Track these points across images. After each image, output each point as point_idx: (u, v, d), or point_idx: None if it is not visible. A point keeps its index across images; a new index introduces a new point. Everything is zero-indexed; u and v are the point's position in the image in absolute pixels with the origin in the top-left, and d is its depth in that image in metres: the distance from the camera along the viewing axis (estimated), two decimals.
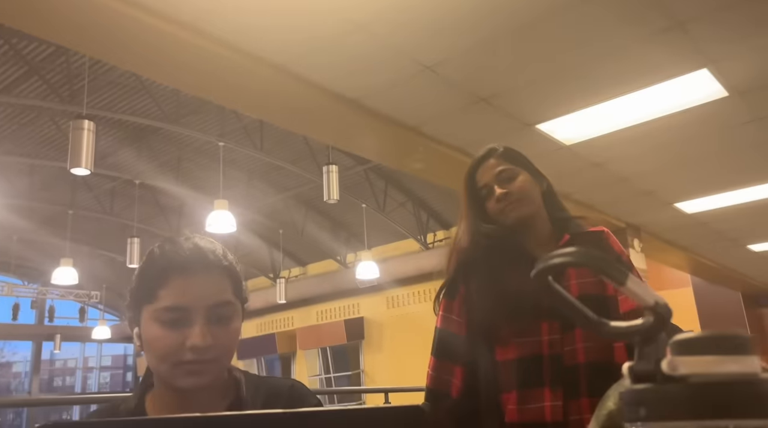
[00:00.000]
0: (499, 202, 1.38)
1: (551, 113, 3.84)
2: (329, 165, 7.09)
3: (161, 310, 0.91)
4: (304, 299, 12.42)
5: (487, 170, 1.42)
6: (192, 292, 0.92)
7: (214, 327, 0.92)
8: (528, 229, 1.41)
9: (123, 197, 10.25)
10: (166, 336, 0.91)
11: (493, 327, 1.33)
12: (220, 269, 0.95)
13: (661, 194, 5.49)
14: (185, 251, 0.94)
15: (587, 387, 1.23)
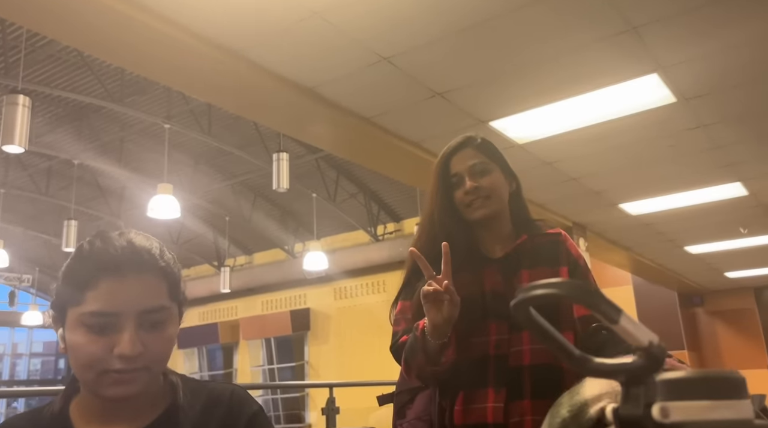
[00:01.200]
0: (467, 195, 1.36)
1: (504, 111, 3.84)
2: (280, 153, 6.94)
3: (88, 314, 0.83)
4: (249, 289, 12.21)
5: (462, 160, 1.39)
6: (122, 296, 0.84)
7: (146, 333, 0.85)
8: (489, 227, 1.40)
9: (60, 178, 9.79)
10: (92, 342, 0.83)
11: None
12: (155, 270, 0.87)
13: (607, 195, 5.62)
14: (117, 249, 0.86)
15: (530, 389, 1.23)
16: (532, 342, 1.25)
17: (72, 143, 8.49)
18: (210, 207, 10.52)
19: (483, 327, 1.28)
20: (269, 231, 11.00)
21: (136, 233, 0.91)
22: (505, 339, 1.27)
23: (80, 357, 0.84)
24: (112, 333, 0.83)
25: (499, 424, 1.21)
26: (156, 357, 0.87)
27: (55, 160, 9.23)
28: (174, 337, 0.90)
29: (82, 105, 7.99)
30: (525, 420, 1.20)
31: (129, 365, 0.83)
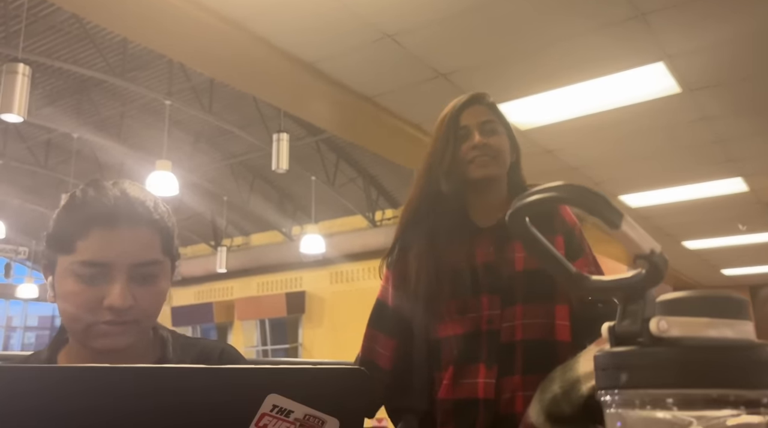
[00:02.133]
0: (474, 149, 1.29)
1: (508, 95, 3.82)
2: (280, 133, 6.90)
3: (79, 264, 0.82)
4: (246, 270, 12.21)
5: (474, 114, 1.33)
6: (115, 247, 0.82)
7: (137, 286, 0.84)
8: (485, 190, 1.34)
9: (59, 151, 9.74)
10: (82, 292, 0.82)
11: (430, 301, 1.27)
12: (149, 222, 0.86)
13: (607, 186, 5.61)
14: (111, 199, 0.84)
15: (522, 365, 1.20)
16: (525, 316, 1.22)
17: (72, 116, 8.44)
18: (209, 186, 10.49)
19: (475, 301, 1.24)
20: (267, 213, 10.98)
21: (131, 184, 0.89)
22: (498, 314, 1.23)
23: (69, 307, 0.83)
24: (102, 284, 0.82)
25: (490, 400, 1.18)
26: (146, 311, 0.85)
27: (55, 133, 9.18)
28: (166, 291, 0.89)
29: (83, 78, 7.93)
30: (516, 395, 1.18)
31: (118, 317, 0.82)
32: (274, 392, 0.47)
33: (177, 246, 0.92)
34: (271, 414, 0.47)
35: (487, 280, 1.25)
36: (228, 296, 13.06)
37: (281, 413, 0.47)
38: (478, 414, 1.19)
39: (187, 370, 0.47)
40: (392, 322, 1.34)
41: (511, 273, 1.24)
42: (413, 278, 1.28)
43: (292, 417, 0.48)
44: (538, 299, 1.23)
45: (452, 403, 1.22)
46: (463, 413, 1.21)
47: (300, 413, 0.48)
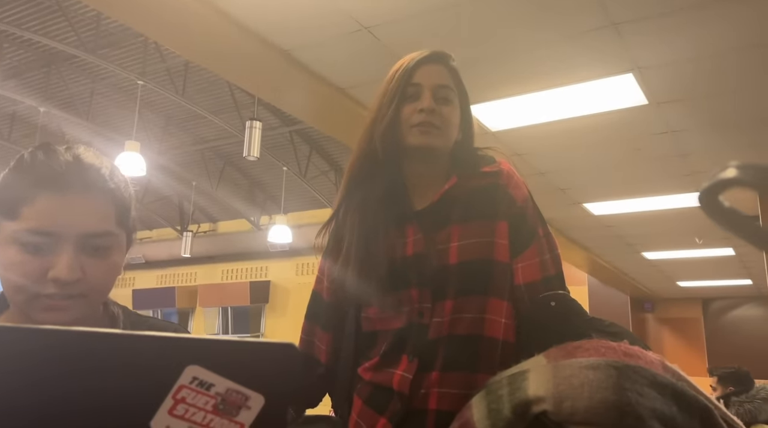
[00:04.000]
0: (420, 113, 1.16)
1: (479, 96, 3.84)
2: (253, 120, 6.82)
3: (23, 231, 0.76)
4: (211, 257, 12.07)
5: (430, 74, 1.19)
6: (63, 216, 0.77)
7: (87, 258, 0.79)
8: (423, 163, 1.22)
9: (24, 124, 9.48)
10: (25, 263, 0.77)
11: (359, 295, 1.19)
12: (102, 191, 0.80)
13: (572, 193, 5.69)
14: (62, 164, 0.78)
15: (442, 361, 1.12)
16: (454, 311, 1.14)
17: (39, 90, 8.21)
18: (177, 170, 10.32)
19: (405, 294, 1.16)
20: (236, 201, 10.86)
21: (86, 149, 0.83)
22: (428, 308, 1.14)
23: (11, 278, 0.78)
24: (48, 254, 0.77)
25: (404, 394, 1.12)
26: (95, 285, 0.80)
27: (21, 105, 8.92)
28: (119, 266, 0.84)
29: (53, 52, 7.72)
30: (431, 391, 1.11)
31: (64, 290, 0.77)
32: (195, 363, 0.46)
33: (133, 219, 0.87)
34: (191, 387, 0.46)
35: (416, 272, 1.16)
36: (191, 282, 12.91)
37: (201, 386, 0.46)
38: (390, 403, 1.14)
39: (102, 334, 0.46)
40: (327, 315, 1.29)
41: (443, 265, 1.15)
42: (343, 270, 1.21)
43: (213, 390, 0.47)
44: (470, 293, 1.14)
45: (370, 385, 1.18)
46: (377, 398, 1.16)
47: (222, 387, 0.47)
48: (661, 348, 11.93)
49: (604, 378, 0.86)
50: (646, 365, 0.89)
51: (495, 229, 1.17)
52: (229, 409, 0.48)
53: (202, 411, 0.47)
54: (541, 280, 1.17)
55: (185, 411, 0.46)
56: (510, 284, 1.18)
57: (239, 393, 0.48)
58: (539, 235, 1.20)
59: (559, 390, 0.88)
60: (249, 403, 0.48)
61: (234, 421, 0.48)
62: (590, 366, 0.88)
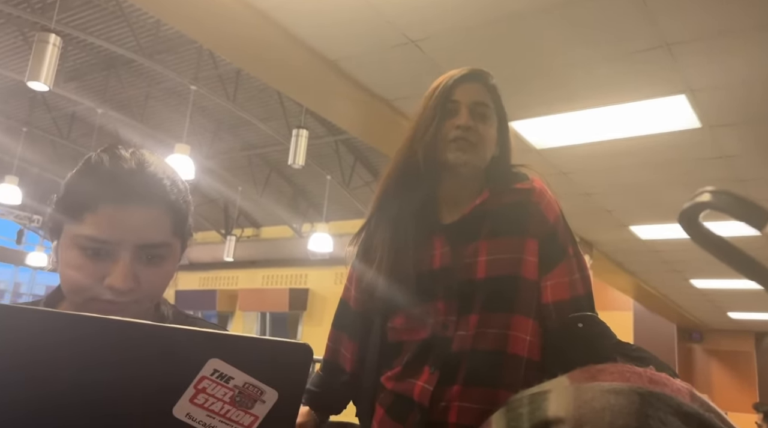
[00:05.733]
0: (457, 129, 1.19)
1: (526, 113, 3.81)
2: (299, 129, 6.95)
3: (83, 237, 0.78)
4: (252, 261, 12.27)
5: (469, 92, 1.22)
6: (122, 226, 0.78)
7: (142, 267, 0.80)
8: (457, 179, 1.23)
9: (83, 125, 9.87)
10: (84, 266, 0.79)
11: (386, 306, 1.21)
12: (162, 203, 0.81)
13: (618, 215, 5.57)
14: (125, 173, 0.79)
15: (464, 375, 1.13)
16: (479, 325, 1.14)
17: (98, 92, 8.56)
18: (224, 175, 10.56)
19: (431, 307, 1.17)
20: (280, 207, 11.03)
21: (150, 155, 0.84)
22: (453, 321, 1.15)
23: (69, 280, 0.80)
24: (105, 260, 0.79)
25: (423, 406, 1.13)
26: (148, 293, 0.82)
27: (80, 106, 9.30)
28: (171, 273, 0.86)
29: (113, 56, 8.04)
30: (452, 405, 1.12)
31: (118, 297, 0.79)
32: (216, 357, 0.48)
33: (190, 227, 0.88)
34: (211, 378, 0.48)
35: (443, 285, 1.17)
36: (232, 286, 13.13)
37: (221, 378, 0.48)
38: (410, 414, 1.15)
39: (133, 324, 0.48)
40: (354, 324, 1.30)
41: (470, 279, 1.16)
42: (372, 280, 1.23)
43: (231, 383, 0.49)
44: (497, 309, 1.15)
45: (392, 394, 1.19)
46: (398, 408, 1.17)
47: (240, 380, 0.49)
48: (708, 380, 11.48)
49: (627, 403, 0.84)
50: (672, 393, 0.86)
51: (524, 246, 1.18)
52: (245, 402, 0.49)
53: (220, 401, 0.49)
54: (569, 300, 1.17)
55: (205, 400, 0.48)
56: (537, 302, 1.18)
57: (255, 387, 0.49)
58: (569, 254, 1.20)
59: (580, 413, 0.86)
60: (264, 397, 0.49)
61: (249, 413, 0.49)
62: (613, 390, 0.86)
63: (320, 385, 1.31)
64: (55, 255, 0.84)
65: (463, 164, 1.20)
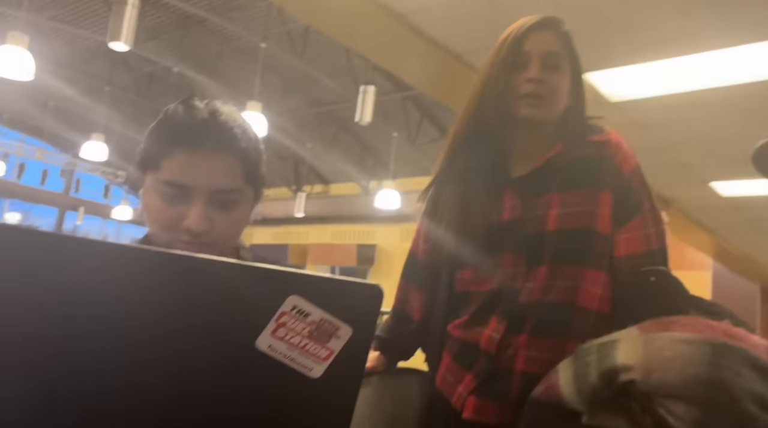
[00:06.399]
0: (528, 83, 1.16)
1: (603, 63, 3.65)
2: (366, 85, 6.93)
3: (162, 182, 0.84)
4: (322, 217, 12.55)
5: (540, 42, 1.17)
6: (197, 171, 0.83)
7: (216, 211, 0.85)
8: (529, 133, 1.22)
9: (160, 83, 10.24)
10: (164, 210, 0.85)
11: (454, 258, 1.23)
12: (233, 149, 0.85)
13: (699, 170, 5.30)
14: (198, 122, 0.84)
15: (532, 326, 1.14)
16: (549, 278, 1.14)
17: (173, 51, 8.82)
18: (294, 132, 10.74)
19: (500, 259, 1.18)
20: (347, 164, 11.15)
21: (223, 106, 0.88)
22: (522, 273, 1.16)
23: (152, 221, 0.87)
24: (182, 205, 0.84)
25: (490, 353, 1.15)
26: (222, 236, 0.86)
27: (157, 65, 9.63)
28: (245, 219, 0.90)
29: (187, 15, 8.23)
30: (519, 353, 1.14)
31: (195, 239, 0.84)
32: (295, 294, 0.51)
33: (262, 175, 0.92)
34: (291, 314, 0.52)
35: (512, 238, 1.17)
36: (303, 241, 13.51)
37: (300, 314, 0.52)
38: (476, 361, 1.18)
39: (217, 262, 0.51)
40: (422, 275, 1.33)
41: (540, 231, 1.16)
42: (440, 234, 1.24)
43: (309, 319, 0.52)
44: (567, 261, 1.15)
45: (459, 342, 1.22)
46: (465, 355, 1.20)
47: (317, 316, 0.52)
48: None
49: (698, 353, 0.83)
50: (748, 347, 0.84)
51: (598, 199, 1.16)
52: (321, 336, 0.53)
53: (299, 335, 0.52)
54: (643, 253, 1.17)
55: (285, 334, 0.52)
56: (609, 256, 1.17)
57: (331, 323, 0.53)
58: (645, 208, 1.19)
59: (649, 360, 0.86)
60: (339, 333, 0.53)
61: (325, 347, 0.53)
62: (684, 340, 0.86)
63: (389, 332, 1.36)
64: (142, 201, 0.90)
65: (534, 119, 1.18)
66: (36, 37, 7.35)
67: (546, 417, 1.06)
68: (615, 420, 0.93)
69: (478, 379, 1.16)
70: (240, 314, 0.51)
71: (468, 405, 1.16)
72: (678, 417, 0.83)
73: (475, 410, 1.15)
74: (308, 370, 0.53)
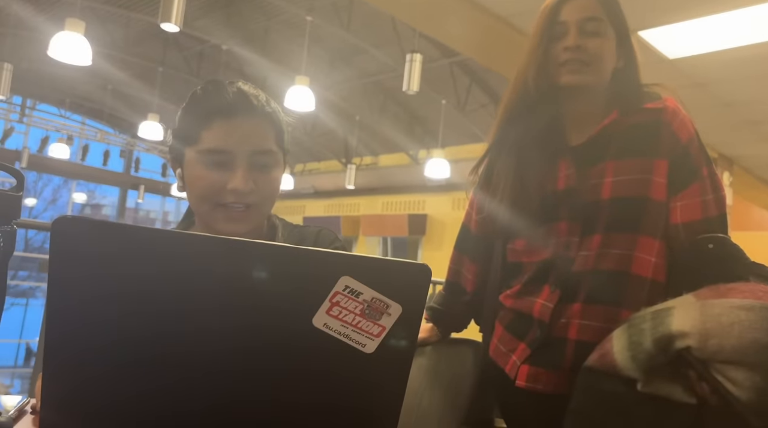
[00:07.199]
0: (566, 51, 1.17)
1: (659, 20, 3.50)
2: (413, 53, 6.84)
3: (204, 152, 0.92)
4: (372, 189, 12.62)
5: (576, 9, 1.17)
6: (235, 135, 0.92)
7: (256, 173, 0.93)
8: (577, 100, 1.21)
9: (210, 62, 10.41)
10: (207, 176, 0.92)
11: (509, 228, 1.24)
12: (263, 115, 0.95)
13: (764, 127, 5.05)
14: (229, 94, 0.94)
15: (586, 294, 1.14)
16: (602, 246, 1.14)
17: (222, 28, 8.93)
18: (342, 104, 10.77)
19: (554, 227, 1.18)
20: (396, 134, 11.12)
21: (244, 83, 0.98)
22: (576, 241, 1.17)
23: (197, 189, 0.93)
24: (226, 170, 0.91)
25: (544, 322, 1.16)
26: (265, 195, 0.95)
27: (207, 44, 9.78)
28: (280, 180, 0.98)
29: None
30: (572, 322, 1.15)
31: (241, 199, 0.92)
32: (347, 274, 0.54)
33: (288, 141, 1.00)
34: (344, 293, 0.55)
35: (567, 207, 1.17)
36: (355, 212, 13.64)
37: (352, 293, 0.55)
38: (529, 330, 1.19)
39: (273, 247, 0.55)
40: (475, 247, 1.35)
41: (595, 200, 1.16)
42: (494, 205, 1.25)
43: (361, 298, 0.55)
44: (621, 229, 1.15)
45: (511, 312, 1.24)
46: (517, 324, 1.22)
47: (368, 295, 0.55)
48: None
49: (758, 319, 0.82)
50: None
51: (653, 167, 1.15)
52: (373, 314, 0.55)
53: (352, 313, 0.55)
54: (700, 220, 1.15)
55: (339, 312, 0.55)
56: (665, 223, 1.16)
57: (382, 302, 0.55)
58: (703, 175, 1.17)
59: (706, 327, 0.85)
60: (389, 310, 0.55)
61: (377, 324, 0.56)
62: (743, 306, 0.84)
63: (443, 303, 1.39)
64: (181, 181, 0.98)
65: (578, 86, 1.18)
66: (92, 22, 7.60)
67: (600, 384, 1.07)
68: (671, 387, 0.92)
69: (532, 347, 1.18)
70: (297, 295, 0.55)
71: (522, 373, 1.18)
72: (737, 384, 0.82)
73: (529, 378, 1.17)
74: (362, 346, 0.56)
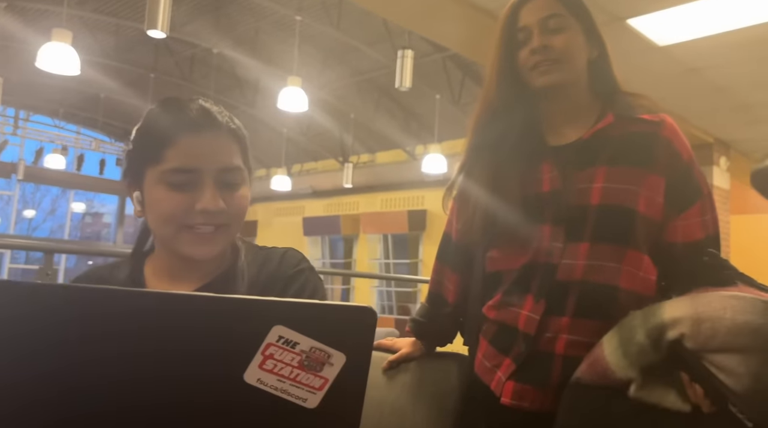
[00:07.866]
0: (533, 54, 1.13)
1: (647, 7, 3.44)
2: (404, 50, 6.79)
3: (168, 172, 0.85)
4: (371, 186, 12.58)
5: (534, 10, 1.14)
6: (201, 152, 0.86)
7: (224, 191, 0.88)
8: (556, 99, 1.17)
9: (202, 66, 10.36)
10: (172, 198, 0.86)
11: (486, 234, 1.19)
12: (228, 131, 0.90)
13: (760, 110, 4.99)
14: (192, 110, 0.89)
15: (574, 307, 1.09)
16: (590, 257, 1.09)
17: (211, 32, 8.87)
18: (336, 103, 10.72)
19: (536, 232, 1.13)
20: (392, 131, 11.07)
21: (205, 100, 0.93)
22: (559, 247, 1.11)
23: (161, 213, 0.87)
24: (192, 190, 0.86)
25: (529, 335, 1.11)
26: (234, 215, 0.89)
27: (198, 48, 9.73)
28: (248, 199, 0.93)
29: None
30: (559, 336, 1.09)
31: (211, 220, 0.86)
32: (280, 324, 0.49)
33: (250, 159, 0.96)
34: (277, 345, 0.50)
35: (552, 210, 1.12)
36: (354, 211, 13.60)
37: (287, 344, 0.50)
38: (514, 344, 1.14)
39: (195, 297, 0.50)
40: (456, 256, 1.30)
41: (582, 205, 1.11)
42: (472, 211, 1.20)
43: (297, 348, 0.50)
44: (610, 240, 1.10)
45: (495, 324, 1.18)
46: (502, 338, 1.16)
47: (306, 345, 0.50)
48: None
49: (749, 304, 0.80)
50: None
51: (645, 180, 1.11)
52: (313, 365, 0.51)
53: (288, 366, 0.50)
54: (702, 240, 1.14)
55: (274, 365, 0.50)
56: (657, 241, 1.14)
57: (322, 351, 0.51)
58: (704, 194, 1.16)
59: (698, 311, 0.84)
60: (331, 360, 0.51)
61: (318, 376, 0.51)
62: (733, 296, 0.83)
63: (425, 315, 1.34)
64: (139, 205, 0.91)
65: (551, 85, 1.15)
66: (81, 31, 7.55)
67: (588, 399, 1.03)
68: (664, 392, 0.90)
69: (517, 363, 1.13)
70: (224, 349, 0.50)
71: (507, 390, 1.13)
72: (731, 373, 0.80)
73: (515, 395, 1.12)
74: (303, 401, 0.51)
